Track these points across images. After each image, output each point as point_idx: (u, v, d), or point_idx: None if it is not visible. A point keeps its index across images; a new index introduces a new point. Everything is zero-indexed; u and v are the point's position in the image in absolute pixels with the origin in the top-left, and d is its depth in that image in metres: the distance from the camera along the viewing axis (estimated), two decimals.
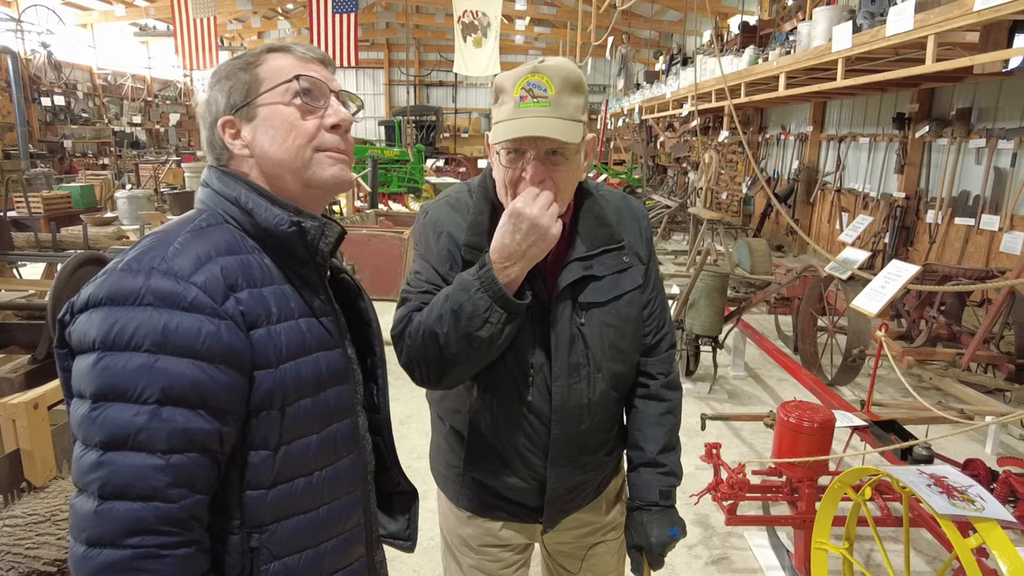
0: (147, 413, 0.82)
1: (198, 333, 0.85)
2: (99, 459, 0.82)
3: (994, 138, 6.10)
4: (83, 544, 0.82)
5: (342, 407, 1.04)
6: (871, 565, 2.78)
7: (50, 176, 10.31)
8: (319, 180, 1.00)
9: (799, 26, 5.57)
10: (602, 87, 22.30)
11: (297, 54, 1.01)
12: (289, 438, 0.95)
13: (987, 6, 2.83)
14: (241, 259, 0.93)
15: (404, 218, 9.41)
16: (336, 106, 1.02)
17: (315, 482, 0.99)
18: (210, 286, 0.87)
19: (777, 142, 11.27)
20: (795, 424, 2.42)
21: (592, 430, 1.35)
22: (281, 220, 0.96)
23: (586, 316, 1.27)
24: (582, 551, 1.52)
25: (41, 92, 15.06)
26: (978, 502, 1.70)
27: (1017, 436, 3.99)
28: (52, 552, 1.98)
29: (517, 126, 1.14)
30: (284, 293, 0.97)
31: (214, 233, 0.94)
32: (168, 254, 0.87)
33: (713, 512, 3.07)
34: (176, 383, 0.83)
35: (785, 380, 4.83)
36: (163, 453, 0.83)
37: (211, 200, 0.99)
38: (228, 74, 1.00)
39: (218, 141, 1.00)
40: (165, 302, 0.84)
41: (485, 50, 13.19)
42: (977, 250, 6.38)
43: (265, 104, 0.98)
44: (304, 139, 0.98)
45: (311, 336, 0.98)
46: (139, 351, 0.82)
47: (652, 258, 1.42)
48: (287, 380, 0.93)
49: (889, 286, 3.10)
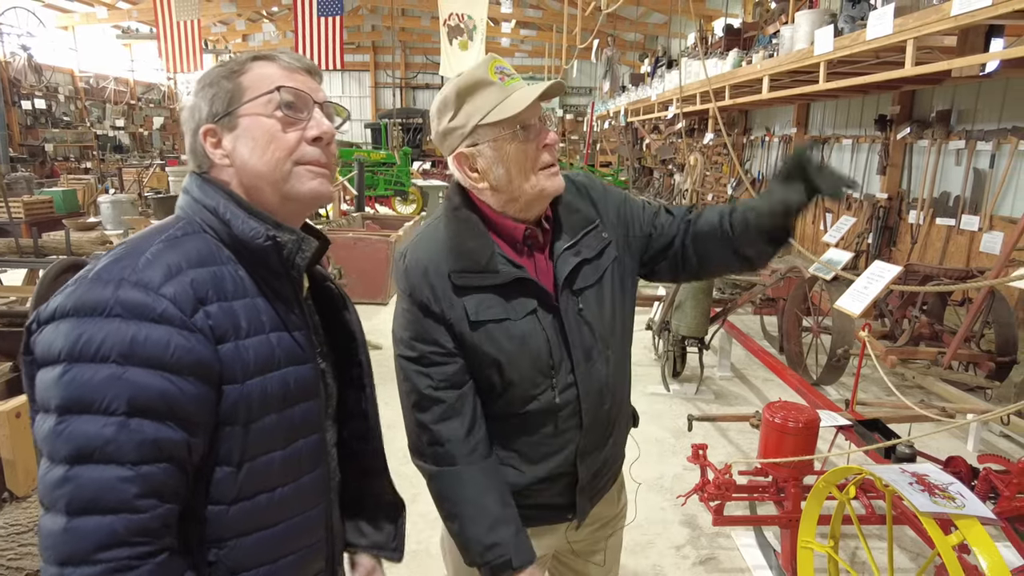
0: (115, 424, 0.81)
1: (167, 345, 0.84)
2: (66, 474, 0.80)
3: (973, 140, 6.19)
4: (55, 565, 0.81)
5: (309, 423, 1.02)
6: (856, 563, 2.81)
7: (31, 180, 10.18)
8: (298, 194, 0.99)
9: (782, 29, 5.62)
10: (588, 89, 22.39)
11: (282, 63, 1.00)
12: (253, 454, 0.94)
13: (963, 11, 2.88)
14: (214, 271, 0.92)
15: (391, 221, 9.39)
16: (319, 118, 1.00)
17: (277, 498, 0.98)
18: (180, 298, 0.86)
19: (762, 144, 11.35)
20: (780, 424, 2.44)
21: (612, 408, 1.37)
22: (257, 233, 0.95)
23: (582, 300, 1.29)
24: (598, 546, 1.55)
25: (21, 95, 14.85)
26: (959, 499, 1.72)
27: (998, 433, 4.05)
28: (35, 563, 1.95)
29: (526, 93, 1.18)
30: (256, 306, 0.95)
31: (188, 243, 0.92)
32: (139, 264, 0.86)
33: (701, 512, 3.09)
34: (144, 394, 0.82)
35: (771, 380, 4.87)
36: (132, 464, 0.81)
37: (190, 208, 0.98)
38: (212, 81, 0.99)
39: (199, 148, 0.99)
40: (134, 313, 0.83)
41: (471, 53, 13.20)
42: (958, 250, 6.46)
43: (247, 114, 0.96)
44: (284, 152, 0.97)
45: (281, 351, 0.97)
46: (106, 363, 0.81)
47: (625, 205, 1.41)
48: (252, 396, 0.92)
49: (872, 287, 3.14)
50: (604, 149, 17.60)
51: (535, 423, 1.30)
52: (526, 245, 1.28)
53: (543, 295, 1.25)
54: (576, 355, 1.28)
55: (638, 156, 14.10)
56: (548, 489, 1.35)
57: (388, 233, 7.52)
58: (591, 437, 1.34)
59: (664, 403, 4.48)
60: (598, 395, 1.32)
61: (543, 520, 1.39)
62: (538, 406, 1.28)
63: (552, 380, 1.27)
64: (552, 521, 1.41)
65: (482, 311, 1.22)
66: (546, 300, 1.25)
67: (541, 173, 1.22)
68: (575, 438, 1.32)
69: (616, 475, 1.53)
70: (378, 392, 1.27)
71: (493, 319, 1.23)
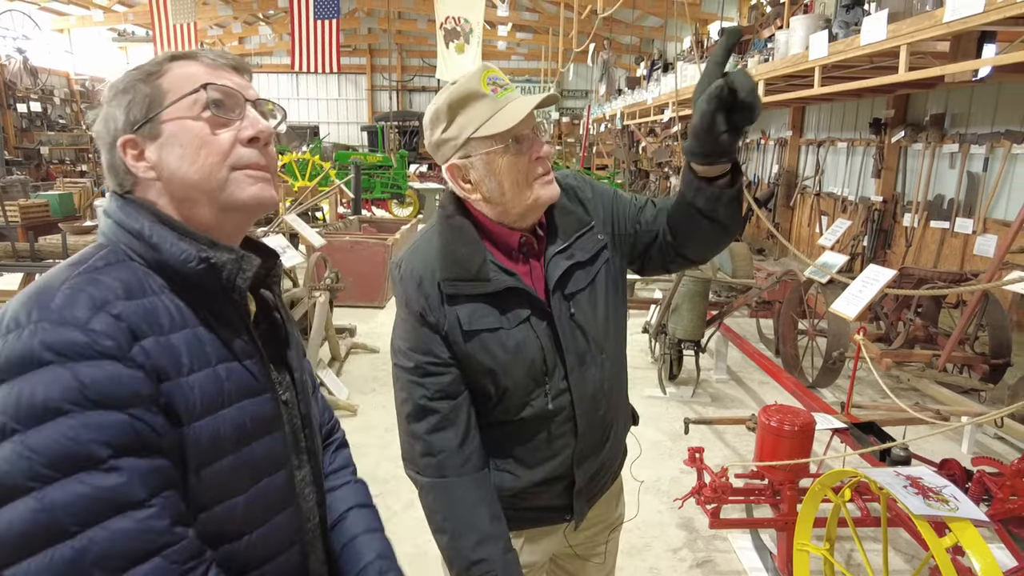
0: (110, 471, 0.72)
1: (117, 380, 0.74)
2: (81, 546, 0.70)
3: (966, 143, 6.24)
4: None
5: (272, 460, 0.93)
6: (852, 565, 2.83)
7: (26, 183, 10.14)
8: (237, 202, 0.89)
9: (777, 34, 5.66)
10: (584, 92, 22.42)
11: (205, 61, 0.90)
12: (208, 502, 0.84)
13: (955, 17, 2.91)
14: (143, 304, 0.81)
15: (388, 224, 9.39)
16: (253, 116, 0.91)
17: (243, 546, 0.89)
18: (112, 332, 0.76)
19: (757, 146, 11.41)
20: (776, 428, 2.46)
21: (608, 412, 1.38)
22: (189, 256, 0.84)
23: (574, 304, 1.29)
24: (598, 547, 1.56)
25: (17, 98, 14.82)
26: (952, 502, 1.74)
27: (992, 435, 4.07)
28: None
29: (519, 106, 1.16)
30: (199, 337, 0.85)
31: (111, 274, 0.81)
32: (56, 303, 0.75)
33: (697, 515, 3.10)
34: (118, 436, 0.73)
35: (767, 383, 4.89)
36: (147, 501, 0.74)
37: (112, 233, 0.86)
38: (126, 87, 0.88)
39: (119, 164, 0.88)
40: (68, 355, 0.72)
41: (468, 56, 13.22)
42: (952, 252, 6.51)
43: (171, 119, 0.86)
44: (218, 156, 0.87)
45: (231, 383, 0.87)
46: (62, 415, 0.71)
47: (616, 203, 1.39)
48: (202, 439, 0.82)
49: (866, 290, 3.16)
50: (600, 152, 17.63)
51: (530, 429, 1.31)
52: (521, 252, 1.29)
53: (535, 302, 1.25)
54: (569, 360, 1.28)
55: (634, 159, 14.13)
56: (545, 492, 1.36)
57: (385, 236, 7.52)
58: (587, 441, 1.35)
59: (661, 406, 4.49)
60: (592, 399, 1.32)
61: (541, 522, 1.40)
62: (532, 412, 1.29)
63: (546, 387, 1.28)
64: (550, 523, 1.42)
65: (475, 320, 1.22)
66: (539, 307, 1.26)
67: (536, 183, 1.21)
68: (571, 443, 1.32)
69: (615, 476, 1.53)
70: (376, 396, 1.29)
71: (486, 328, 1.23)
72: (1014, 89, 5.76)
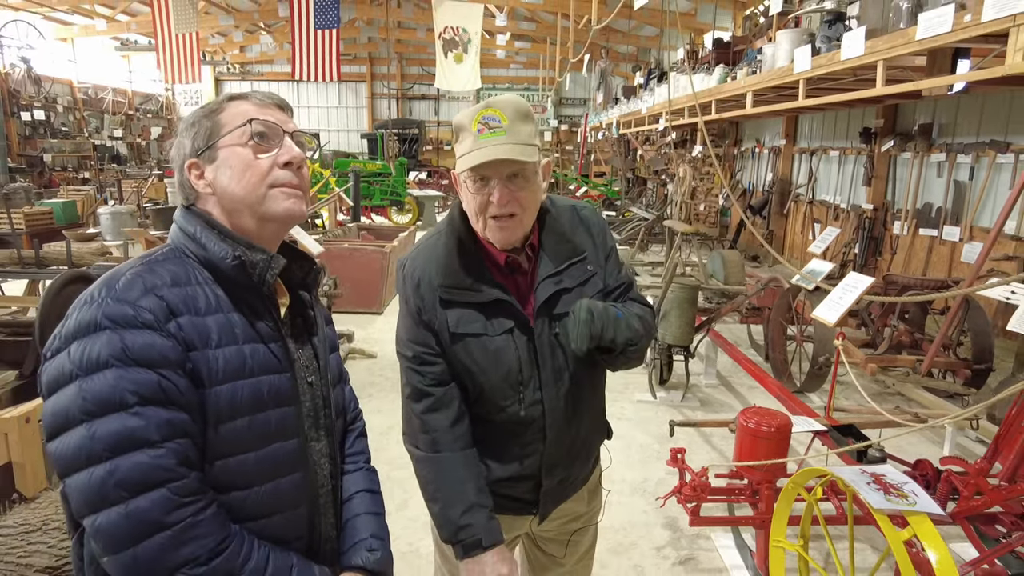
0: (134, 415, 0.93)
1: (152, 346, 0.95)
2: (109, 469, 0.91)
3: (953, 152, 6.35)
4: (127, 551, 0.91)
5: (285, 428, 1.10)
6: (829, 561, 2.92)
7: (30, 191, 10.27)
8: (273, 213, 1.10)
9: (764, 47, 5.79)
10: (582, 100, 22.58)
11: (255, 100, 1.13)
12: (223, 453, 1.02)
13: (927, 35, 3.03)
14: (186, 291, 1.03)
15: (387, 231, 9.51)
16: (289, 145, 1.12)
17: (252, 496, 1.06)
18: (155, 310, 0.97)
19: (752, 155, 11.53)
20: (754, 429, 2.56)
21: (580, 426, 1.49)
22: (226, 254, 1.06)
23: (559, 326, 1.39)
24: (565, 536, 1.67)
25: (21, 106, 14.98)
26: (911, 497, 1.84)
27: (973, 439, 4.16)
28: (44, 560, 2.06)
29: (480, 155, 1.26)
30: (231, 321, 1.06)
31: (165, 266, 1.04)
32: (119, 285, 0.99)
33: (682, 515, 3.19)
34: (146, 388, 0.94)
35: (756, 388, 4.98)
36: (160, 442, 0.94)
37: (175, 236, 1.11)
38: (194, 122, 1.12)
39: (186, 182, 1.11)
40: (119, 323, 0.95)
41: (466, 65, 13.37)
42: (940, 260, 6.61)
43: (224, 146, 1.08)
44: (259, 176, 1.09)
45: (254, 361, 1.06)
46: (109, 368, 0.93)
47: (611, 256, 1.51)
48: (220, 400, 1.01)
49: (847, 296, 3.26)
50: (598, 160, 17.78)
51: (502, 431, 1.44)
52: (509, 270, 1.40)
53: (520, 317, 1.37)
54: (545, 375, 1.40)
55: (631, 167, 14.27)
56: (514, 487, 1.49)
57: (383, 243, 7.62)
58: (555, 451, 1.46)
59: (651, 410, 4.59)
60: (564, 414, 1.44)
61: (508, 511, 1.52)
62: (505, 417, 1.42)
63: (520, 395, 1.40)
64: (516, 512, 1.54)
65: (462, 324, 1.36)
66: (523, 321, 1.38)
67: (491, 221, 1.32)
68: (539, 450, 1.45)
69: (585, 480, 1.63)
70: (373, 400, 1.43)
71: (471, 333, 1.36)
72: (997, 101, 5.88)
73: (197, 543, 0.95)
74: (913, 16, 3.26)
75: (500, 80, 22.53)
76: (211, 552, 0.96)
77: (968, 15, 2.80)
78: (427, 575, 2.74)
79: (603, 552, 2.89)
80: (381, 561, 1.23)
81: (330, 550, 1.21)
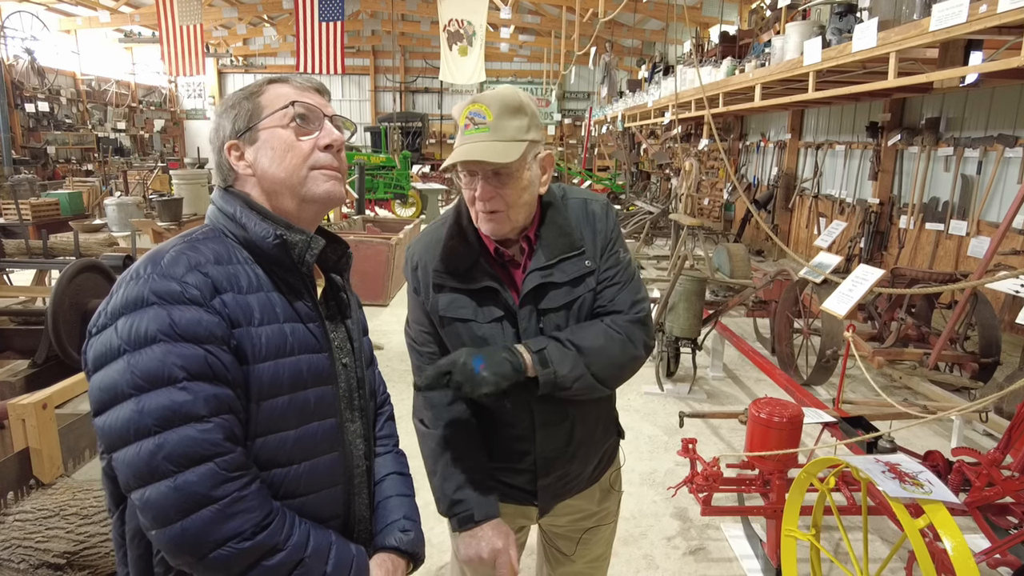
0: (182, 390, 0.94)
1: (199, 322, 0.96)
2: (157, 443, 0.92)
3: (961, 147, 6.34)
4: (177, 521, 0.92)
5: (323, 407, 1.12)
6: (840, 551, 2.93)
7: (34, 182, 10.26)
8: (314, 195, 1.11)
9: (773, 40, 5.77)
10: (586, 94, 22.52)
11: (295, 84, 1.13)
12: (265, 430, 1.04)
13: (941, 27, 3.02)
14: (228, 269, 1.03)
15: (391, 224, 9.51)
16: (329, 128, 1.13)
17: (292, 474, 1.07)
18: (200, 286, 0.98)
19: (757, 149, 11.51)
20: (766, 420, 2.56)
21: (573, 426, 1.47)
22: (268, 233, 1.07)
23: (544, 320, 1.38)
24: (577, 534, 1.65)
25: (24, 98, 14.96)
26: (927, 486, 1.85)
27: (981, 432, 4.17)
28: (61, 545, 2.07)
29: (459, 152, 1.27)
30: (271, 300, 1.06)
31: (207, 245, 1.05)
32: (164, 262, 0.99)
33: (691, 506, 3.21)
34: (193, 362, 0.95)
35: (762, 380, 5.00)
36: (207, 417, 0.95)
37: (214, 216, 1.12)
38: (234, 103, 1.12)
39: (225, 163, 1.11)
40: (167, 299, 0.96)
41: (470, 59, 13.34)
42: (947, 254, 6.61)
43: (265, 128, 1.09)
44: (300, 158, 1.09)
45: (294, 339, 1.07)
46: (156, 343, 0.94)
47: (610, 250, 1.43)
48: (263, 377, 1.02)
49: (856, 289, 3.27)
50: (602, 154, 17.74)
51: (495, 421, 1.46)
52: (498, 261, 1.40)
53: (509, 307, 1.38)
54: None
55: (635, 160, 14.24)
56: (513, 477, 1.50)
57: (388, 236, 7.63)
58: (548, 447, 1.45)
59: (658, 402, 4.60)
60: (553, 411, 1.42)
61: (509, 499, 1.52)
62: (495, 407, 1.43)
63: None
64: (517, 502, 1.54)
65: (452, 309, 1.39)
66: (512, 312, 1.38)
67: (480, 213, 1.33)
68: (531, 444, 1.45)
69: (593, 482, 1.60)
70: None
71: (460, 318, 1.39)
72: (1007, 94, 5.87)
73: (243, 517, 0.96)
74: (927, 7, 3.25)
75: (503, 73, 22.45)
76: (256, 527, 0.97)
77: (984, 6, 2.78)
78: (438, 562, 2.76)
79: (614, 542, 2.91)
80: (414, 542, 1.24)
81: (364, 531, 1.23)
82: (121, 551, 1.07)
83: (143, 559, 1.05)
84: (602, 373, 1.35)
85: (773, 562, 2.56)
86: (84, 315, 3.13)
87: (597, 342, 1.35)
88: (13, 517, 2.09)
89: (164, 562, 1.02)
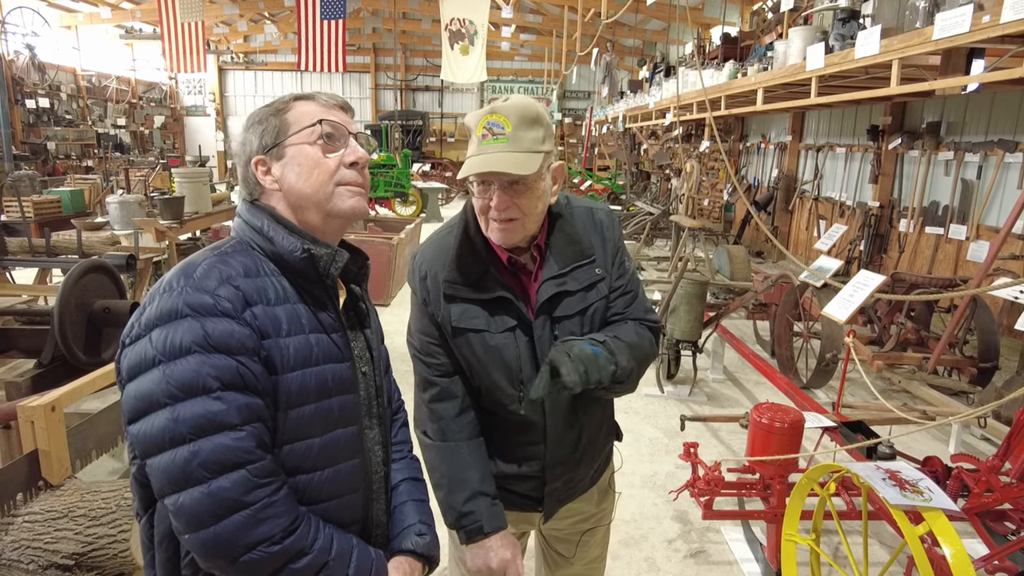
0: (216, 399, 0.97)
1: (231, 334, 1.00)
2: (192, 450, 0.96)
3: (961, 151, 6.36)
4: (209, 528, 0.96)
5: (346, 415, 1.15)
6: (840, 556, 2.96)
7: (34, 179, 10.25)
8: (339, 210, 1.14)
9: (776, 44, 5.79)
10: (587, 94, 22.52)
11: (320, 101, 1.16)
12: (292, 438, 1.07)
13: (944, 35, 3.04)
14: (257, 282, 1.07)
15: (393, 223, 9.51)
16: (354, 146, 1.16)
17: (316, 481, 1.10)
18: (232, 299, 1.02)
19: (758, 150, 11.53)
20: (767, 425, 2.58)
21: (583, 430, 1.50)
22: (295, 247, 1.10)
23: (559, 328, 1.40)
24: (576, 536, 1.68)
25: (24, 94, 14.93)
26: (927, 493, 1.87)
27: (979, 436, 4.20)
28: (69, 546, 2.09)
29: (478, 162, 1.28)
30: (297, 311, 1.10)
31: (236, 258, 1.08)
32: (196, 274, 1.03)
33: (691, 509, 3.24)
34: (226, 373, 0.98)
35: (762, 383, 5.02)
36: (239, 426, 0.98)
37: (240, 229, 1.15)
38: (261, 119, 1.14)
39: (251, 177, 1.14)
40: (201, 311, 0.99)
41: (472, 58, 13.34)
42: (946, 258, 6.64)
43: (293, 144, 1.12)
44: (327, 175, 1.12)
45: (319, 350, 1.11)
46: (191, 354, 0.97)
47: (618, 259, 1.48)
48: (291, 387, 1.06)
49: (857, 295, 3.29)
50: (602, 153, 17.75)
51: (505, 428, 1.47)
52: (510, 270, 1.42)
53: (522, 316, 1.39)
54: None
55: (635, 161, 14.25)
56: (519, 484, 1.52)
57: (390, 236, 7.64)
58: (557, 452, 1.48)
59: (659, 404, 4.63)
60: (564, 416, 1.45)
61: (514, 506, 1.54)
62: (506, 414, 1.45)
63: (520, 394, 1.42)
64: (521, 509, 1.56)
65: (464, 319, 1.39)
66: (525, 321, 1.39)
67: (492, 222, 1.34)
68: (541, 450, 1.47)
69: (593, 484, 1.64)
70: None
71: (472, 328, 1.39)
72: (1007, 99, 5.89)
73: (272, 522, 0.99)
74: (930, 16, 3.27)
75: (504, 72, 22.43)
76: (284, 531, 1.00)
77: (987, 16, 2.81)
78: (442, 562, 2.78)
79: (614, 544, 2.93)
80: (430, 545, 1.28)
81: (381, 535, 1.26)
82: (149, 554, 1.10)
83: (171, 562, 1.07)
84: (641, 368, 1.41)
85: (773, 566, 2.59)
86: (90, 315, 3.14)
87: (636, 339, 1.41)
88: (22, 518, 2.11)
89: (192, 564, 1.05)
